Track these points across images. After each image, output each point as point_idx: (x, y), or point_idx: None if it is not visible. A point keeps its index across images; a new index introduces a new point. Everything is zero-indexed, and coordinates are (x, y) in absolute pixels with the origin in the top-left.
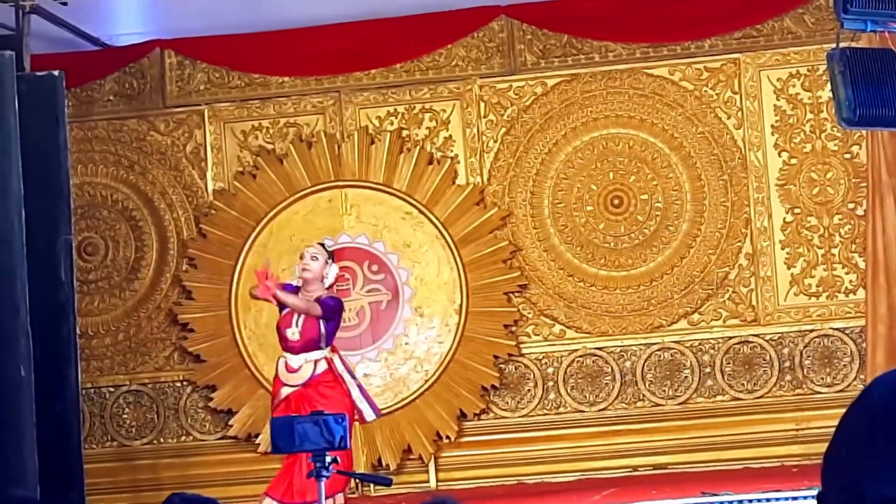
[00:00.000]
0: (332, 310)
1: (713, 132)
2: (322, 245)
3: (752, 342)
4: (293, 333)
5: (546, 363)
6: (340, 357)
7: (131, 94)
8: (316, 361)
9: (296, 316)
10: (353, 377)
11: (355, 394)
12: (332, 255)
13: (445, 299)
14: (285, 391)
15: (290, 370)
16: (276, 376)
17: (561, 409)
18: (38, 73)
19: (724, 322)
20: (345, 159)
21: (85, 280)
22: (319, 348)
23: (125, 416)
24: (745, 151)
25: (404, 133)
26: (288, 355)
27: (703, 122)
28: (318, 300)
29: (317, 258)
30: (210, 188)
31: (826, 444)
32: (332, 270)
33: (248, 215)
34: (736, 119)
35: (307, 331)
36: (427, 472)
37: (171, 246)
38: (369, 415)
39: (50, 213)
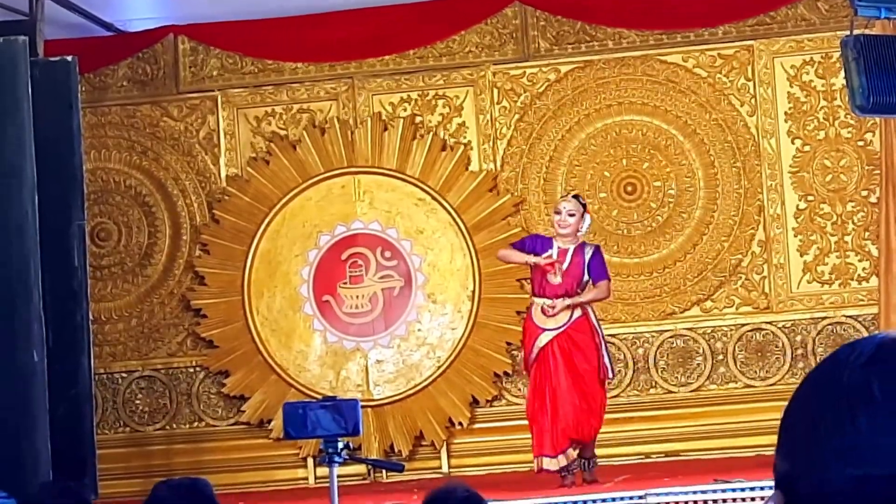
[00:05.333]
0: (604, 268)
1: (726, 119)
2: (576, 198)
3: (764, 329)
4: (555, 276)
5: None
6: (593, 309)
7: (144, 80)
8: (573, 307)
9: (559, 262)
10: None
11: (602, 348)
12: (586, 206)
13: (458, 286)
14: (542, 339)
15: (546, 313)
16: (527, 326)
17: None
18: (52, 59)
19: (737, 309)
20: (358, 145)
21: (98, 266)
22: (578, 293)
23: (138, 401)
24: (759, 138)
25: (417, 119)
26: (544, 300)
27: (717, 109)
28: (595, 261)
29: (573, 214)
30: (223, 174)
31: None
32: (586, 222)
33: (261, 201)
34: (749, 106)
35: (571, 274)
36: (439, 458)
37: (184, 232)
38: (610, 372)
39: (63, 199)
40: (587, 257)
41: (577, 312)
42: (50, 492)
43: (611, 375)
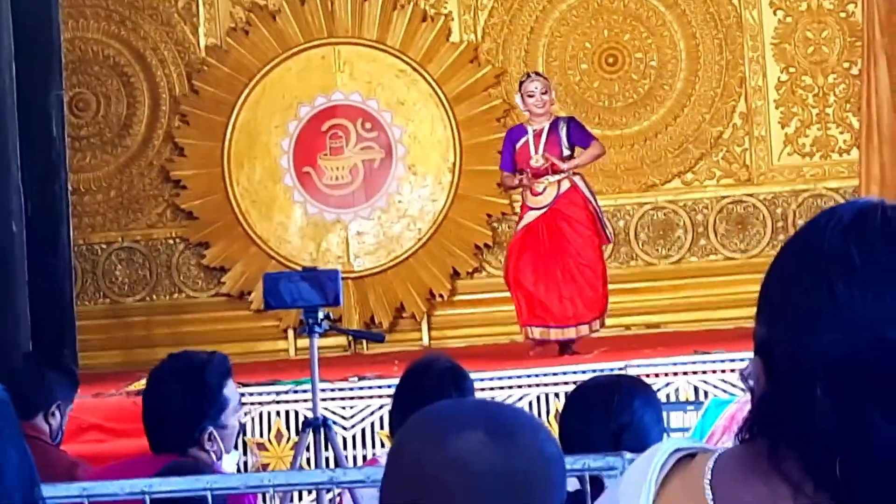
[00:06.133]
0: (587, 133)
1: None
2: (539, 74)
3: (745, 202)
4: (536, 160)
5: None
6: (583, 178)
7: None
8: (559, 182)
9: (532, 147)
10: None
11: (599, 213)
12: (548, 78)
13: (439, 157)
14: (529, 217)
15: (534, 193)
16: (523, 203)
17: None
18: None
19: (718, 181)
20: (338, 16)
21: (76, 136)
22: (561, 170)
23: (117, 272)
24: (741, 10)
25: None
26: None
27: None
28: (574, 131)
29: (546, 91)
30: (202, 44)
31: None
32: (552, 92)
33: (241, 72)
34: None
35: (549, 152)
36: (420, 330)
37: (163, 102)
38: (611, 234)
39: (41, 69)
40: (563, 131)
41: (565, 185)
42: (31, 361)
43: (609, 240)
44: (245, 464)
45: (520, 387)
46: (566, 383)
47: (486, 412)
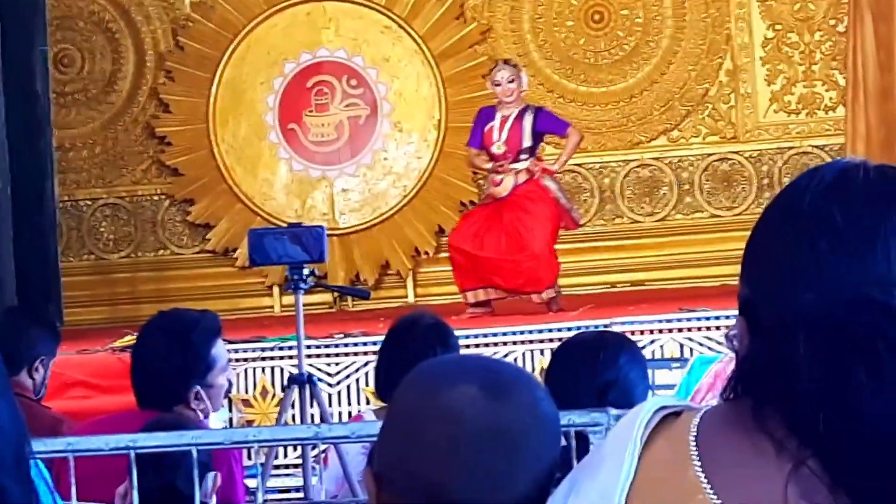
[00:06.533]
0: (558, 121)
1: None
2: (507, 63)
3: (731, 159)
4: (498, 147)
5: None
6: (547, 169)
7: None
8: (517, 173)
9: (497, 132)
10: (558, 184)
11: (562, 201)
12: (518, 66)
13: (424, 114)
14: (486, 201)
15: (494, 184)
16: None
17: None
18: None
19: (704, 139)
20: None
21: (61, 92)
22: (520, 160)
23: (102, 229)
24: None
25: None
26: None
27: None
28: (541, 121)
29: (513, 80)
30: (188, 0)
31: None
32: (524, 79)
33: (226, 28)
34: None
35: (511, 141)
36: (405, 287)
37: (148, 58)
38: (579, 219)
39: (25, 25)
40: (527, 122)
41: (523, 176)
42: (13, 316)
43: (580, 222)
44: (230, 420)
45: (505, 343)
46: (551, 340)
47: (483, 368)
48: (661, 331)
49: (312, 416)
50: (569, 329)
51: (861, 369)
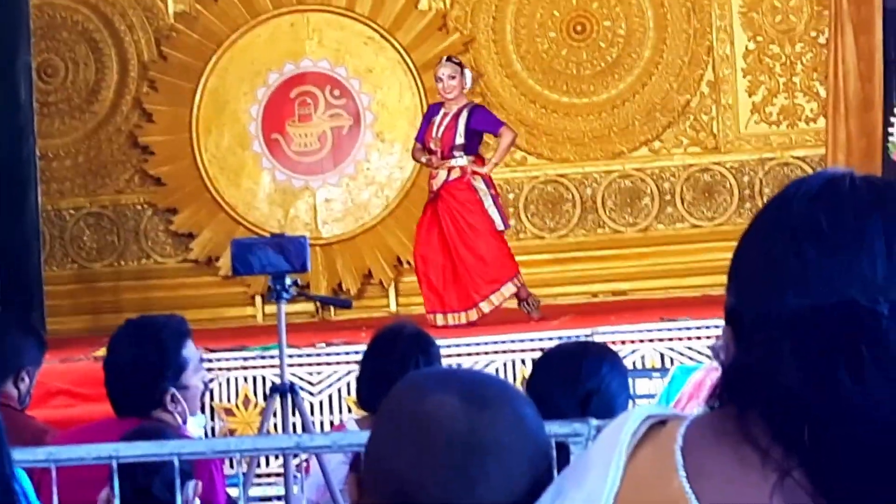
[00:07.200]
0: (492, 120)
1: None
2: (450, 60)
3: (712, 170)
4: (435, 142)
5: (507, 189)
6: (477, 171)
7: None
8: (450, 169)
9: (436, 127)
10: (489, 186)
11: (487, 203)
12: (462, 64)
13: (407, 125)
14: (430, 197)
15: (431, 177)
16: None
17: (521, 236)
18: None
19: (685, 150)
20: None
21: (45, 102)
22: (453, 157)
23: (85, 238)
24: None
25: None
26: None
27: None
28: (475, 119)
29: (454, 76)
30: (171, 10)
31: None
32: (468, 77)
33: (210, 38)
34: None
35: (445, 139)
36: (387, 297)
37: (131, 68)
38: (499, 224)
39: (9, 35)
40: (462, 119)
41: (455, 173)
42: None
43: (502, 227)
44: (212, 429)
45: (486, 353)
46: (533, 350)
47: (468, 381)
48: (642, 340)
49: (294, 425)
50: (550, 339)
51: (845, 372)
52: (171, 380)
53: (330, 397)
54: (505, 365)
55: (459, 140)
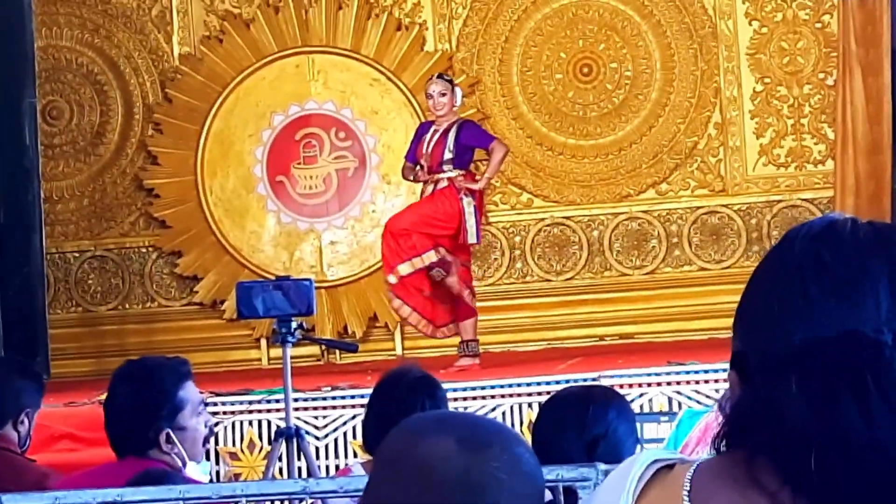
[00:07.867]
0: (482, 135)
1: (683, 0)
2: (441, 77)
3: (719, 212)
4: (425, 159)
5: (513, 232)
6: (470, 187)
7: None
8: (437, 181)
9: (426, 144)
10: (476, 200)
11: (468, 211)
12: (452, 81)
13: None
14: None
15: (424, 192)
16: None
17: (528, 278)
18: None
19: (693, 192)
20: (312, 24)
21: (50, 144)
22: (442, 171)
23: (90, 281)
24: (716, 20)
25: None
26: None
27: None
28: (465, 134)
29: (444, 93)
30: (176, 52)
31: None
32: (458, 94)
33: (215, 80)
34: None
35: (434, 154)
36: (393, 340)
37: (136, 111)
38: (472, 237)
39: (14, 77)
40: (451, 135)
41: (443, 184)
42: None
43: (472, 240)
44: (217, 473)
45: (493, 397)
46: (540, 394)
47: (464, 423)
48: (649, 384)
49: (300, 469)
50: (557, 382)
51: (851, 405)
52: (166, 419)
53: (336, 441)
54: (511, 409)
55: (448, 155)
